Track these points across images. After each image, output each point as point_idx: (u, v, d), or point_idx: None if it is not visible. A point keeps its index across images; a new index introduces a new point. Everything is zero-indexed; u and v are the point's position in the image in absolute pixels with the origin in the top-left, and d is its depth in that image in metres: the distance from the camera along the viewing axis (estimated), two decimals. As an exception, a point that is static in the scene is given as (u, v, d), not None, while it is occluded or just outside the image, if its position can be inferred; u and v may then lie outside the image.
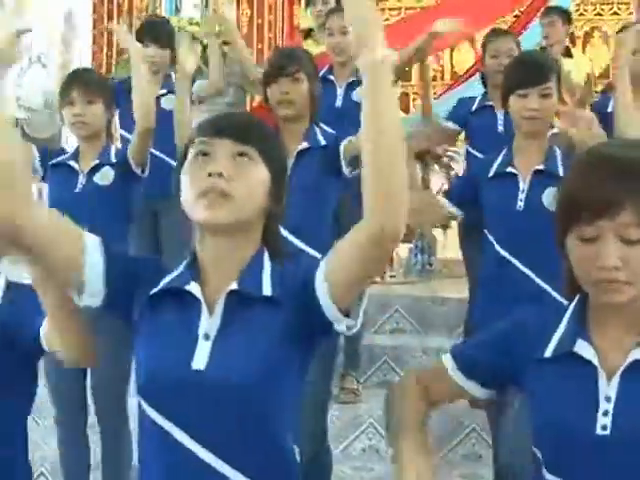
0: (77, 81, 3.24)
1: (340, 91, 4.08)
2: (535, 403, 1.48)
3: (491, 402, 2.84)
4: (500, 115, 3.96)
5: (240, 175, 1.49)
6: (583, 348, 1.43)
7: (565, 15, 5.35)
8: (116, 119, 3.87)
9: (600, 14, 8.35)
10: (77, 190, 3.23)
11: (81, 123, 3.23)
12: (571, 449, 1.40)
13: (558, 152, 2.84)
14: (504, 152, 2.93)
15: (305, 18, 12.20)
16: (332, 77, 4.10)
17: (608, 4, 8.43)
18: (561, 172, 2.73)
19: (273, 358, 1.47)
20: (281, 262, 1.56)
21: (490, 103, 4.08)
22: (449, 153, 6.12)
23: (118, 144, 3.89)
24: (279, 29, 12.04)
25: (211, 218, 1.47)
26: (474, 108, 4.17)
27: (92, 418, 3.29)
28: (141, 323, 1.53)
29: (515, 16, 6.10)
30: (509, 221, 2.80)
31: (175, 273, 1.55)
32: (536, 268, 2.71)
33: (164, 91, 4.18)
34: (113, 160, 3.28)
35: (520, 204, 2.80)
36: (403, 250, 5.86)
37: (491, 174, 2.89)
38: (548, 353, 1.47)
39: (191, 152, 1.54)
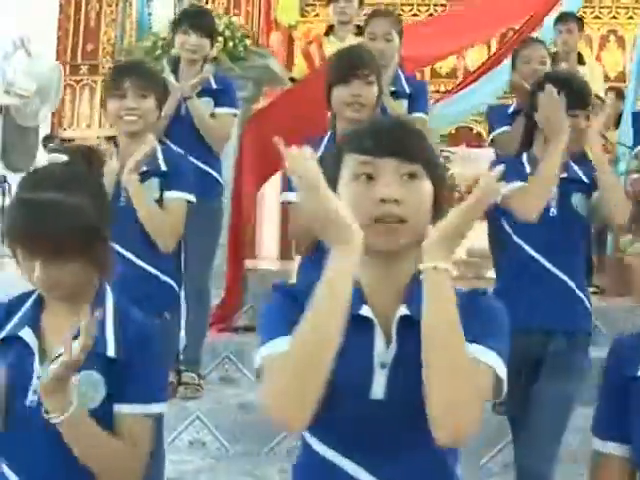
0: (130, 72, 2.95)
1: None
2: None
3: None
4: None
5: (411, 197, 1.40)
6: None
7: (580, 22, 5.35)
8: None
9: (616, 17, 8.36)
10: (121, 204, 2.86)
11: (132, 118, 2.91)
12: None
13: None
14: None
15: (288, 11, 12.06)
16: None
17: (624, 8, 8.45)
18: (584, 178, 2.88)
19: None
20: None
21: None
22: (445, 153, 6.19)
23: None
24: (255, 22, 11.82)
25: (388, 244, 1.40)
26: (511, 111, 4.06)
27: None
28: None
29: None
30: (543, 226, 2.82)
31: None
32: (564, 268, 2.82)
33: (199, 89, 3.96)
34: (162, 167, 2.96)
35: (553, 210, 2.87)
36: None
37: None
38: None
39: (349, 171, 1.43)
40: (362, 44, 3.44)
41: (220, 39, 4.54)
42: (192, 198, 2.99)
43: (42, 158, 7.78)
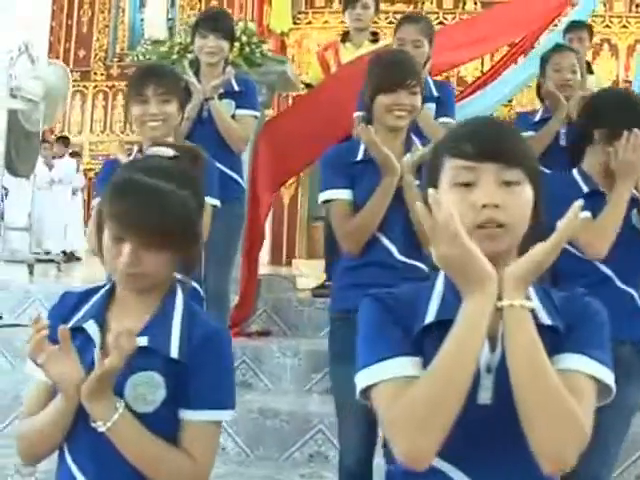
0: (152, 77, 2.91)
1: None
2: None
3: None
4: (562, 129, 3.92)
5: (512, 202, 1.39)
6: None
7: (590, 31, 5.37)
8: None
9: (609, 26, 8.42)
10: None
11: (156, 124, 2.89)
12: None
13: None
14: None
15: (280, 19, 12.05)
16: None
17: (617, 17, 8.51)
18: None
19: None
20: None
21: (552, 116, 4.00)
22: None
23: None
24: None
25: (489, 250, 1.37)
26: (536, 120, 4.06)
27: None
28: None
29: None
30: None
31: (437, 301, 1.43)
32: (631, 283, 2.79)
33: (220, 91, 3.95)
34: None
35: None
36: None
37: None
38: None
39: (449, 176, 1.41)
40: (405, 51, 3.39)
41: (237, 44, 4.52)
42: None
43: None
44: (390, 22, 9.55)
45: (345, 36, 5.01)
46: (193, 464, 1.61)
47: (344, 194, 2.79)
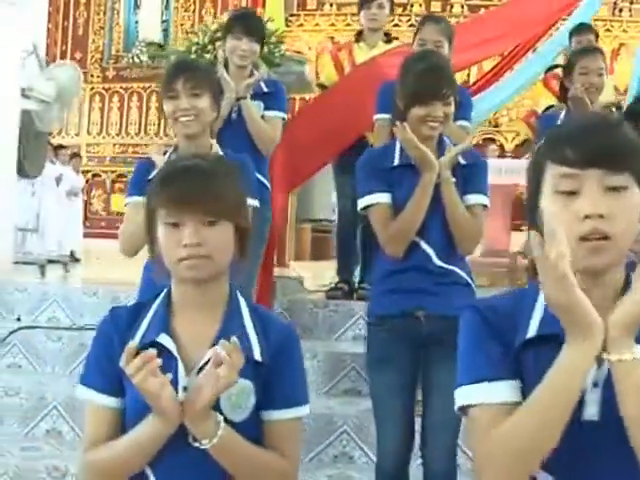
0: (182, 72, 2.86)
1: None
2: None
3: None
4: None
5: (618, 210, 1.28)
6: None
7: (596, 33, 5.43)
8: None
9: (626, 31, 8.50)
10: None
11: (188, 119, 2.86)
12: None
13: None
14: None
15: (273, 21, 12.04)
16: None
17: (601, 21, 8.60)
18: None
19: None
20: None
21: None
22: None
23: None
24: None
25: (594, 263, 1.30)
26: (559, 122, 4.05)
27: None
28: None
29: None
30: None
31: (540, 314, 1.36)
32: None
33: (251, 92, 3.94)
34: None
35: None
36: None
37: None
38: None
39: (550, 183, 1.32)
40: (439, 55, 3.35)
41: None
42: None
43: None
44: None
45: (358, 36, 5.01)
46: (287, 462, 1.62)
47: (383, 198, 2.79)
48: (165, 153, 3.05)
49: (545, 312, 1.34)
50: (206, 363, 1.54)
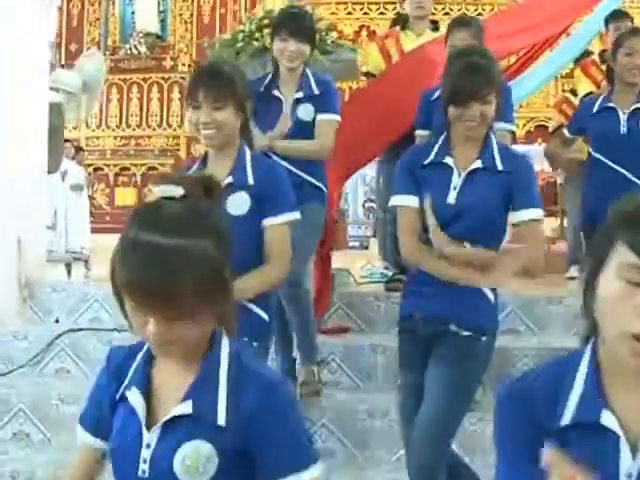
0: (203, 82, 2.70)
1: None
2: None
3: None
4: (623, 117, 3.94)
5: None
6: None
7: (631, 17, 5.44)
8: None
9: None
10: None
11: (209, 132, 2.71)
12: None
13: None
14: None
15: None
16: None
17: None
18: None
19: None
20: None
21: (612, 105, 4.00)
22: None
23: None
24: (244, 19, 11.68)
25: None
26: (595, 110, 4.04)
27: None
28: None
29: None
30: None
31: (577, 399, 1.28)
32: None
33: (300, 95, 3.78)
34: (250, 181, 2.73)
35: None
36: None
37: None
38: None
39: (616, 264, 1.22)
40: (484, 52, 3.23)
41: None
42: None
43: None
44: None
45: (404, 24, 4.91)
46: None
47: (412, 201, 2.76)
48: (194, 161, 2.93)
49: (583, 396, 1.27)
50: (170, 420, 1.44)
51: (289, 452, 1.46)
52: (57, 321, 4.87)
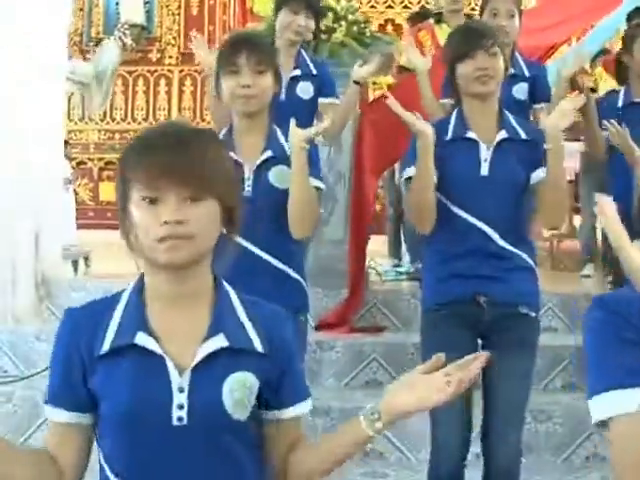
0: (245, 46, 2.63)
1: None
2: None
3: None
4: None
5: None
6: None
7: None
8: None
9: None
10: (246, 193, 2.60)
11: (249, 96, 2.62)
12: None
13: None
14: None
15: (264, 2, 11.75)
16: None
17: None
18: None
19: None
20: None
21: (637, 100, 3.96)
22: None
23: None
24: (231, 12, 11.48)
25: None
26: (620, 105, 3.98)
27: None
28: None
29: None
30: None
31: None
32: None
33: (297, 73, 3.69)
34: (288, 152, 2.68)
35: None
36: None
37: None
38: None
39: None
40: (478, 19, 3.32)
41: (343, 23, 4.27)
42: None
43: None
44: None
45: (439, 17, 4.82)
46: None
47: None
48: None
49: None
50: (201, 362, 1.40)
51: (301, 380, 1.53)
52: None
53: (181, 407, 1.38)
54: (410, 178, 2.70)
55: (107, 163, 10.85)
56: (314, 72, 3.73)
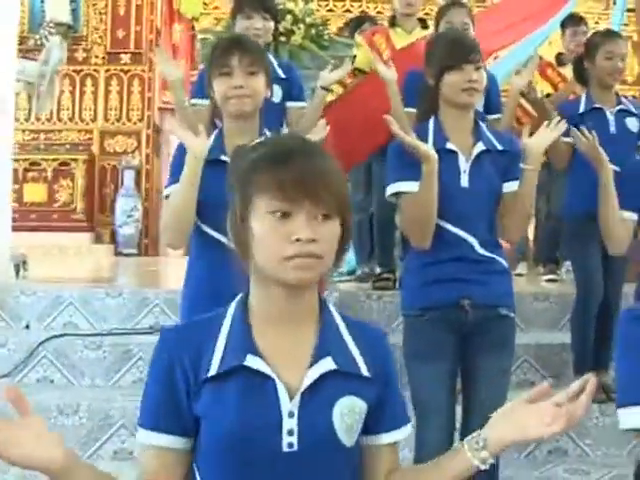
0: (236, 48, 2.65)
1: None
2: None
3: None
4: (611, 116, 4.02)
5: None
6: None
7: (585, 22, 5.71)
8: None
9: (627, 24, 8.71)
10: None
11: (242, 97, 2.62)
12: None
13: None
14: None
15: (191, 3, 11.65)
16: None
17: None
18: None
19: None
20: None
21: (598, 105, 4.05)
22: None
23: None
24: (158, 13, 11.35)
25: None
26: (582, 110, 4.07)
27: None
28: None
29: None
30: None
31: None
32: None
33: None
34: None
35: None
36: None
37: None
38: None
39: None
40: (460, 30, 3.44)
41: (301, 26, 4.28)
42: None
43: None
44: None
45: (392, 21, 4.86)
46: None
47: (413, 187, 2.70)
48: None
49: None
50: (309, 386, 1.37)
51: (401, 405, 1.50)
52: (27, 327, 4.56)
53: (291, 433, 1.34)
54: (397, 193, 2.75)
55: (32, 164, 10.55)
56: (282, 76, 3.75)
